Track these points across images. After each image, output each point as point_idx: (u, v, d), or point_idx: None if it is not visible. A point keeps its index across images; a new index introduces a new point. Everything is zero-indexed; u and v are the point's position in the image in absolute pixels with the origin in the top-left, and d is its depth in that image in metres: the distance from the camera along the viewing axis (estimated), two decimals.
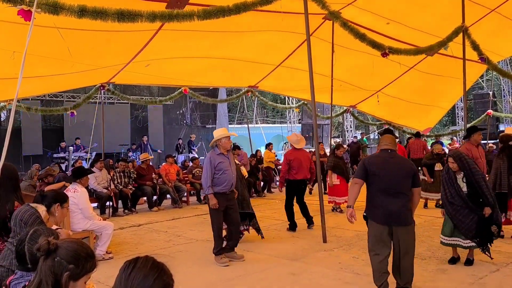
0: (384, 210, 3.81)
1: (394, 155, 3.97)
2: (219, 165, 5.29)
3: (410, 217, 3.85)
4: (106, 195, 9.03)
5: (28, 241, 2.15)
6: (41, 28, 5.78)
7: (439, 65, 10.81)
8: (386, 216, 3.81)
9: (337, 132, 23.39)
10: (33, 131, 15.42)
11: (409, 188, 3.85)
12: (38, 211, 3.05)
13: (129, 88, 16.73)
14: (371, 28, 8.81)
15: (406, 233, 3.83)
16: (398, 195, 3.80)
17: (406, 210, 3.82)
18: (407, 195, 3.84)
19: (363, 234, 6.51)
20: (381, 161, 3.94)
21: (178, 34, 7.97)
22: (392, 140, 4.11)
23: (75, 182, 5.80)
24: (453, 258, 4.97)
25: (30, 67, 7.04)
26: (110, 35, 7.27)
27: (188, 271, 5.00)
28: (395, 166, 3.87)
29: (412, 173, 3.86)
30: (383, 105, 13.30)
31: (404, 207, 3.81)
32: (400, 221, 3.80)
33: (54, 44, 6.74)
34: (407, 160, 4.10)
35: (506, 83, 21.22)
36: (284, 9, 6.93)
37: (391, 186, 3.81)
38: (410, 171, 3.86)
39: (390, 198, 3.79)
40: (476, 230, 4.69)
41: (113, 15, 4.89)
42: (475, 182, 4.70)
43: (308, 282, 4.52)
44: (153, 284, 1.50)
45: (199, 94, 13.83)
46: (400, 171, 3.85)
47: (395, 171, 3.84)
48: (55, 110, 12.46)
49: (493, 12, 8.81)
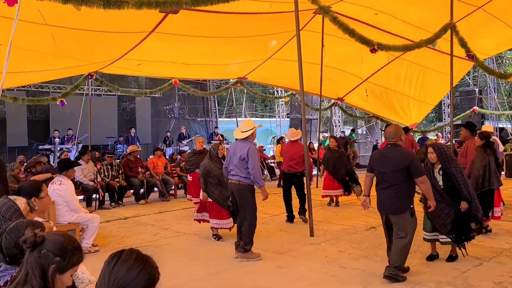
0: (378, 200, 4.30)
1: (391, 150, 4.23)
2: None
3: (400, 207, 4.14)
4: (92, 187, 8.95)
5: (5, 235, 2.12)
6: (28, 24, 5.70)
7: (426, 57, 10.88)
8: (378, 205, 4.30)
9: (325, 127, 23.48)
10: (18, 122, 15.19)
11: (401, 180, 4.12)
12: (17, 203, 3.00)
13: (117, 80, 16.55)
14: (360, 19, 8.84)
15: (396, 221, 4.19)
16: (389, 188, 4.17)
17: (396, 200, 4.14)
18: (399, 187, 4.13)
19: (350, 228, 6.60)
20: (378, 156, 4.39)
21: (169, 38, 7.96)
22: (394, 132, 4.29)
23: (60, 174, 5.73)
24: (431, 256, 4.89)
25: (16, 61, 6.93)
26: (102, 36, 7.20)
27: (176, 264, 5.00)
28: (388, 160, 4.19)
29: (405, 166, 4.08)
30: (371, 97, 13.38)
31: (395, 197, 4.14)
32: (391, 210, 4.20)
33: (41, 38, 6.64)
34: (402, 154, 4.16)
35: (492, 81, 21.47)
36: (274, 8, 6.90)
37: (383, 179, 4.23)
38: (402, 164, 4.09)
39: (384, 189, 4.22)
40: (452, 225, 4.58)
41: (98, 2, 4.73)
42: (452, 174, 4.59)
43: (295, 275, 4.55)
44: (137, 276, 1.49)
45: (189, 87, 13.77)
46: (391, 164, 4.16)
47: (387, 165, 4.19)
48: (42, 100, 12.29)
49: (480, 10, 8.88)
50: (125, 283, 1.48)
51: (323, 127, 22.64)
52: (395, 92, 13.16)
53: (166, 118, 19.93)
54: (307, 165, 6.71)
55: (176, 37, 8.17)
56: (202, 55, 9.73)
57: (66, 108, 12.47)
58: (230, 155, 5.29)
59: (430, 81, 12.51)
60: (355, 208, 8.15)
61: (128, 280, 1.48)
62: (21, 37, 4.86)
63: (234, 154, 5.22)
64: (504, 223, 6.57)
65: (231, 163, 5.25)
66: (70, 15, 5.61)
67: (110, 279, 1.49)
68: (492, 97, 21.51)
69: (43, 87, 15.56)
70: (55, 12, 5.44)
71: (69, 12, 4.84)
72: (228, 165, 5.30)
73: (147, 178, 10.16)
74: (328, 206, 8.61)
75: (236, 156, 5.18)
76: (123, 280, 1.48)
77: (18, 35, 4.55)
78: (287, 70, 10.95)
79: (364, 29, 8.75)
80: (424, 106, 14.28)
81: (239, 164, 5.14)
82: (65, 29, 6.53)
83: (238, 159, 5.14)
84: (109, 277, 1.50)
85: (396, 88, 13.00)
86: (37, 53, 7.39)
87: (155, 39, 8.11)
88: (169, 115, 20.11)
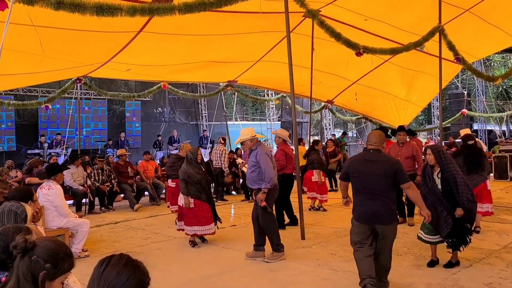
0: (362, 210, 3.87)
1: (374, 155, 3.91)
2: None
3: (387, 217, 3.82)
4: (82, 192, 8.87)
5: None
6: (14, 25, 5.63)
7: (415, 60, 10.96)
8: (365, 216, 3.85)
9: (316, 130, 23.54)
10: (6, 126, 15.02)
11: (386, 189, 3.80)
12: (26, 210, 3.07)
13: (106, 83, 16.44)
14: (349, 23, 8.88)
15: (387, 233, 3.86)
16: (377, 196, 3.80)
17: (382, 210, 3.79)
18: (385, 195, 3.80)
19: (341, 231, 6.61)
20: (358, 162, 4.00)
21: (157, 37, 7.92)
22: (378, 138, 4.00)
23: (49, 179, 5.67)
24: (432, 261, 4.79)
25: (4, 63, 6.85)
26: (89, 35, 7.15)
27: (166, 269, 4.96)
28: (375, 164, 3.84)
29: (391, 173, 3.78)
30: (360, 99, 13.44)
31: (382, 206, 3.79)
32: (379, 220, 3.82)
33: (27, 39, 6.58)
34: (388, 160, 3.93)
35: (480, 83, 21.72)
36: (264, 9, 6.92)
37: (367, 186, 3.84)
38: (391, 169, 3.79)
39: (367, 198, 3.83)
40: (452, 229, 4.49)
41: (91, 9, 4.73)
42: (450, 177, 4.50)
43: (286, 278, 4.54)
44: (127, 281, 1.47)
45: (178, 90, 13.72)
46: (379, 169, 3.80)
47: (374, 170, 3.82)
48: (28, 105, 12.16)
49: (468, 13, 8.98)
50: (120, 281, 1.46)
51: (314, 130, 22.69)
52: (384, 93, 13.25)
53: (157, 121, 19.84)
54: (298, 168, 6.71)
55: (164, 36, 8.09)
56: (190, 55, 9.65)
57: (53, 112, 12.38)
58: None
59: (419, 83, 12.63)
60: (346, 210, 8.12)
61: (117, 285, 1.46)
62: (7, 38, 4.81)
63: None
64: (493, 224, 6.64)
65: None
66: (56, 15, 5.56)
67: (100, 284, 1.48)
68: (481, 99, 21.75)
69: (31, 91, 15.40)
70: (40, 12, 5.40)
71: (56, 12, 4.80)
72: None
73: (137, 182, 10.09)
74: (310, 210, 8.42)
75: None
76: (112, 285, 1.46)
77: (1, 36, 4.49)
78: (278, 72, 10.96)
79: (355, 33, 8.82)
80: (413, 108, 14.40)
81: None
82: (52, 29, 6.47)
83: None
84: (99, 282, 1.48)
85: (386, 90, 13.10)
86: (23, 54, 7.32)
87: (143, 39, 8.05)
88: (160, 118, 20.03)
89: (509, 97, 24.29)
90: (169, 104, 19.71)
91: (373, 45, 8.04)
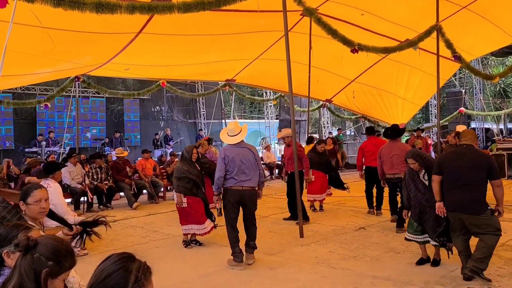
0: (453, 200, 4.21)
1: (467, 149, 4.27)
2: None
3: (477, 207, 4.09)
4: (80, 190, 8.85)
5: None
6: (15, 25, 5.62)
7: (414, 57, 10.96)
8: (455, 206, 4.19)
9: (314, 129, 23.57)
10: (5, 124, 15.01)
11: (480, 178, 4.12)
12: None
13: (104, 82, 16.43)
14: (346, 19, 8.88)
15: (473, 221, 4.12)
16: (467, 186, 4.12)
17: (473, 200, 4.08)
18: (477, 187, 4.11)
19: (339, 228, 6.63)
20: (452, 155, 4.38)
21: (156, 38, 7.92)
22: (471, 135, 4.42)
23: (47, 177, 5.66)
24: (421, 260, 4.82)
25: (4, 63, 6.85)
26: (89, 36, 7.14)
27: (165, 267, 4.97)
28: (466, 157, 4.20)
29: (486, 164, 4.14)
30: (358, 97, 13.46)
31: (472, 197, 4.09)
32: (467, 210, 4.11)
33: (28, 39, 6.57)
34: (484, 154, 4.34)
35: (478, 82, 21.76)
36: (262, 8, 6.91)
37: (459, 177, 4.18)
38: (483, 161, 4.17)
39: (458, 188, 4.16)
40: (442, 229, 4.49)
41: (91, 6, 4.71)
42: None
43: (285, 276, 4.55)
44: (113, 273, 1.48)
45: (176, 88, 13.71)
46: (471, 161, 4.16)
47: (466, 162, 4.18)
48: (27, 103, 12.15)
49: (465, 10, 8.97)
50: (101, 277, 1.47)
51: (312, 129, 22.72)
52: (382, 91, 13.25)
53: (155, 120, 19.83)
54: (296, 166, 6.71)
55: (164, 37, 8.12)
56: (190, 55, 9.67)
57: (51, 111, 12.36)
58: (236, 161, 4.97)
59: (417, 82, 12.64)
60: (344, 209, 8.21)
61: (104, 272, 1.47)
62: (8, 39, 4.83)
63: (244, 158, 5.01)
64: None
65: (244, 168, 4.97)
66: (57, 16, 5.56)
67: (92, 275, 1.50)
68: (478, 98, 21.80)
69: (29, 89, 15.38)
70: (40, 12, 5.39)
71: (55, 12, 4.79)
72: (234, 171, 4.95)
73: (136, 180, 10.08)
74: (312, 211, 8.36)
75: (249, 160, 5.04)
76: (101, 273, 1.47)
77: (4, 36, 4.48)
78: (276, 71, 10.97)
79: (351, 30, 8.81)
80: (411, 106, 14.41)
81: (256, 167, 5.08)
82: (52, 30, 6.46)
83: (254, 162, 5.07)
84: (95, 275, 1.50)
85: (384, 88, 13.10)
86: (23, 54, 7.31)
87: (143, 40, 8.06)
88: (158, 117, 20.01)
89: (507, 96, 24.36)
90: (167, 103, 19.70)
91: (370, 41, 8.02)
